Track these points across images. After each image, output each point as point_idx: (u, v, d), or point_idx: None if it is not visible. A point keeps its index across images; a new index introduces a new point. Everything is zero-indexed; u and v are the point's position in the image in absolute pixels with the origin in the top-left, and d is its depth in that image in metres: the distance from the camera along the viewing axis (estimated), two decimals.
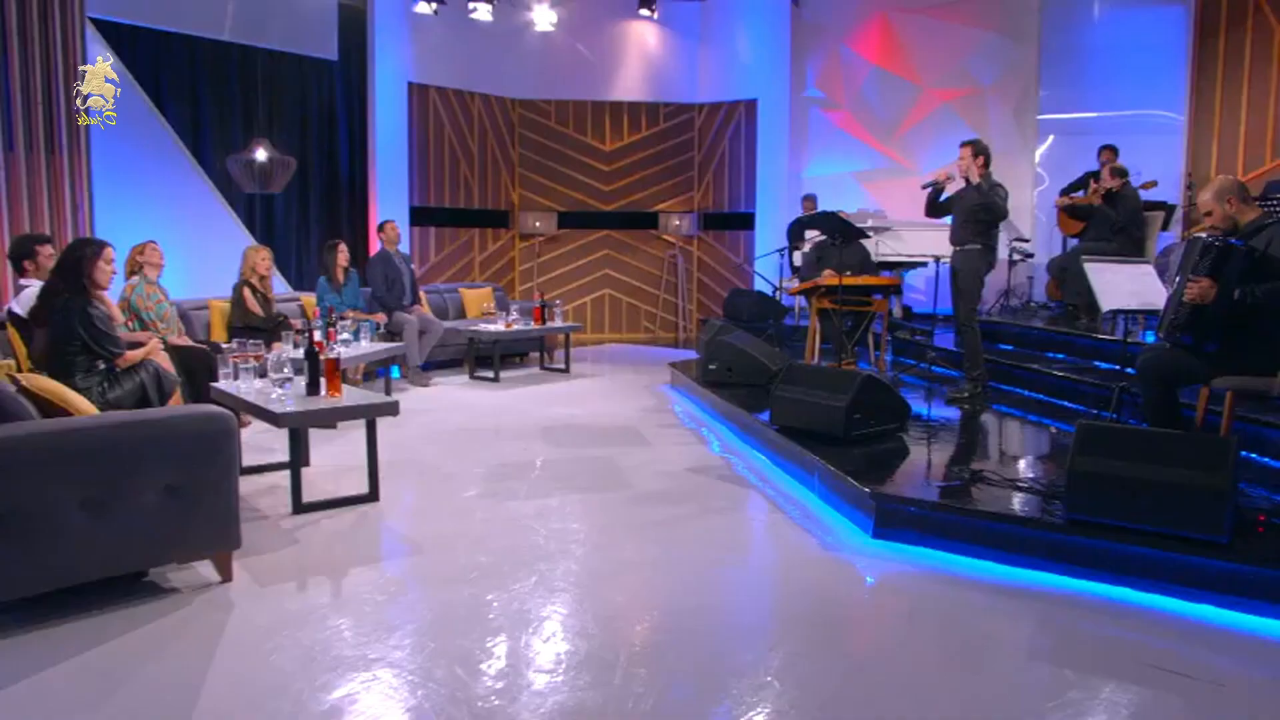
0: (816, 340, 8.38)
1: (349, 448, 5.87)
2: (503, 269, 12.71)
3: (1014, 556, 3.95)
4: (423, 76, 11.40)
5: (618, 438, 6.56)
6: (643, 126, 12.97)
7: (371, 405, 4.71)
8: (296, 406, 4.51)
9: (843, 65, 12.17)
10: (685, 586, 3.83)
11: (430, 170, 11.64)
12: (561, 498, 4.98)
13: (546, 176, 12.76)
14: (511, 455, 5.97)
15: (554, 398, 8.29)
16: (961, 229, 6.84)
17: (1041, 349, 7.96)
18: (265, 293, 7.57)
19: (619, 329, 13.17)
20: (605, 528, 4.52)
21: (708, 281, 13.22)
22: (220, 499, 3.50)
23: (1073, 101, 11.49)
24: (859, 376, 5.32)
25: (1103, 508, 3.75)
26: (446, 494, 5.06)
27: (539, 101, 12.69)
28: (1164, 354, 4.63)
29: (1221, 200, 4.57)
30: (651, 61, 12.96)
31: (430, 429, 6.75)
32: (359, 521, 4.54)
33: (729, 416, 6.90)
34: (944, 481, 4.58)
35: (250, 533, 4.10)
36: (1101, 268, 5.45)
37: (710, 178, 13.08)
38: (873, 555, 4.15)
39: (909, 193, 11.88)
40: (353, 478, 5.09)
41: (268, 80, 9.73)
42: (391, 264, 8.89)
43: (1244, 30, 10.75)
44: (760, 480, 5.45)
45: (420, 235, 11.56)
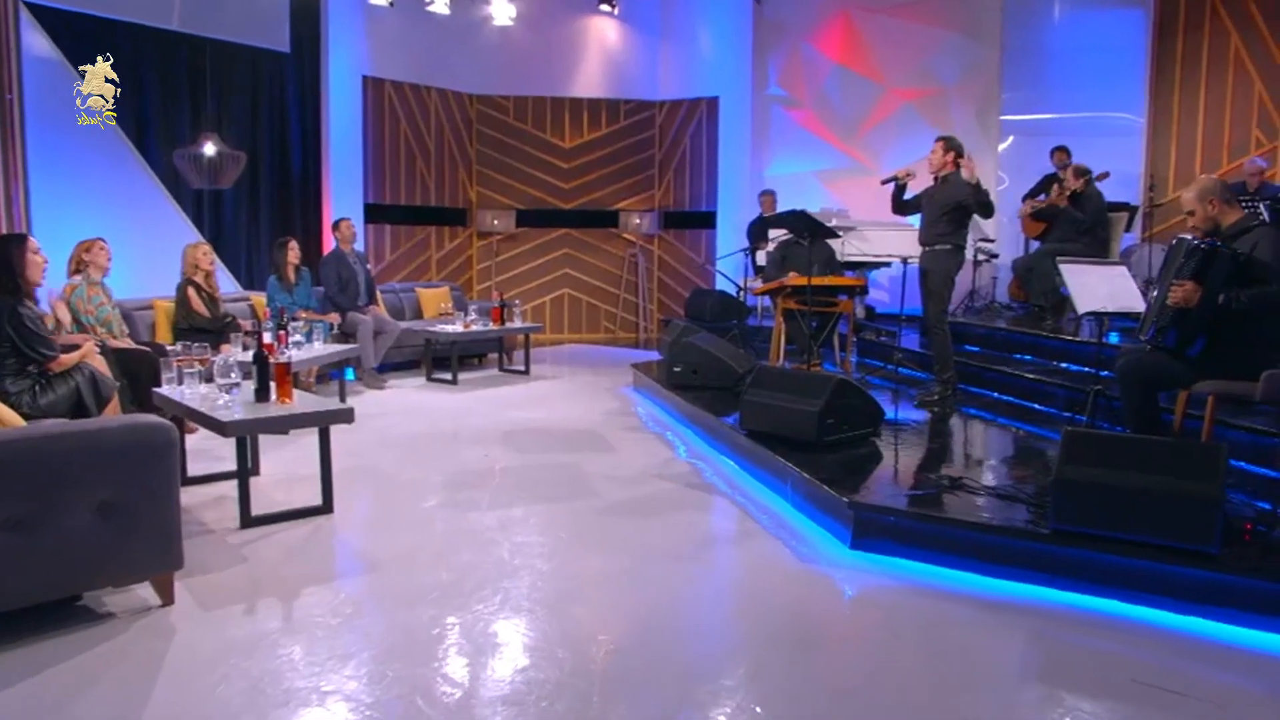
0: (781, 341, 8.26)
1: (301, 454, 5.60)
2: (460, 268, 12.45)
3: (997, 568, 3.82)
4: (378, 70, 11.11)
5: (581, 442, 6.36)
6: (603, 123, 12.77)
7: (325, 413, 4.45)
8: (244, 414, 4.25)
9: (805, 63, 12.07)
10: (657, 604, 3.64)
11: (386, 166, 11.34)
12: (525, 508, 4.77)
13: (505, 174, 12.52)
14: (472, 462, 5.75)
15: (514, 400, 8.07)
16: (931, 228, 6.73)
17: (1009, 350, 7.88)
18: (211, 291, 7.26)
19: (578, 329, 12.97)
20: (571, 540, 4.33)
21: (668, 281, 13.05)
22: (160, 516, 3.24)
23: (1034, 102, 11.48)
24: (832, 380, 5.17)
25: (1089, 517, 3.62)
26: (404, 504, 4.83)
27: (497, 97, 12.44)
28: (1145, 357, 4.54)
29: (1204, 201, 4.49)
30: (612, 57, 12.76)
31: (386, 434, 6.50)
32: (312, 535, 4.29)
33: (695, 420, 6.73)
34: (922, 490, 4.43)
35: (194, 550, 3.85)
36: (1077, 269, 5.35)
37: (671, 176, 12.92)
38: (851, 567, 3.99)
39: (871, 192, 11.73)
40: (306, 487, 4.83)
41: (216, 72, 9.38)
42: (345, 263, 8.61)
43: (1201, 34, 10.82)
44: (730, 487, 5.28)
45: (375, 233, 11.26)
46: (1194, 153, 10.99)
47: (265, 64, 9.93)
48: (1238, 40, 10.62)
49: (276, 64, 10.05)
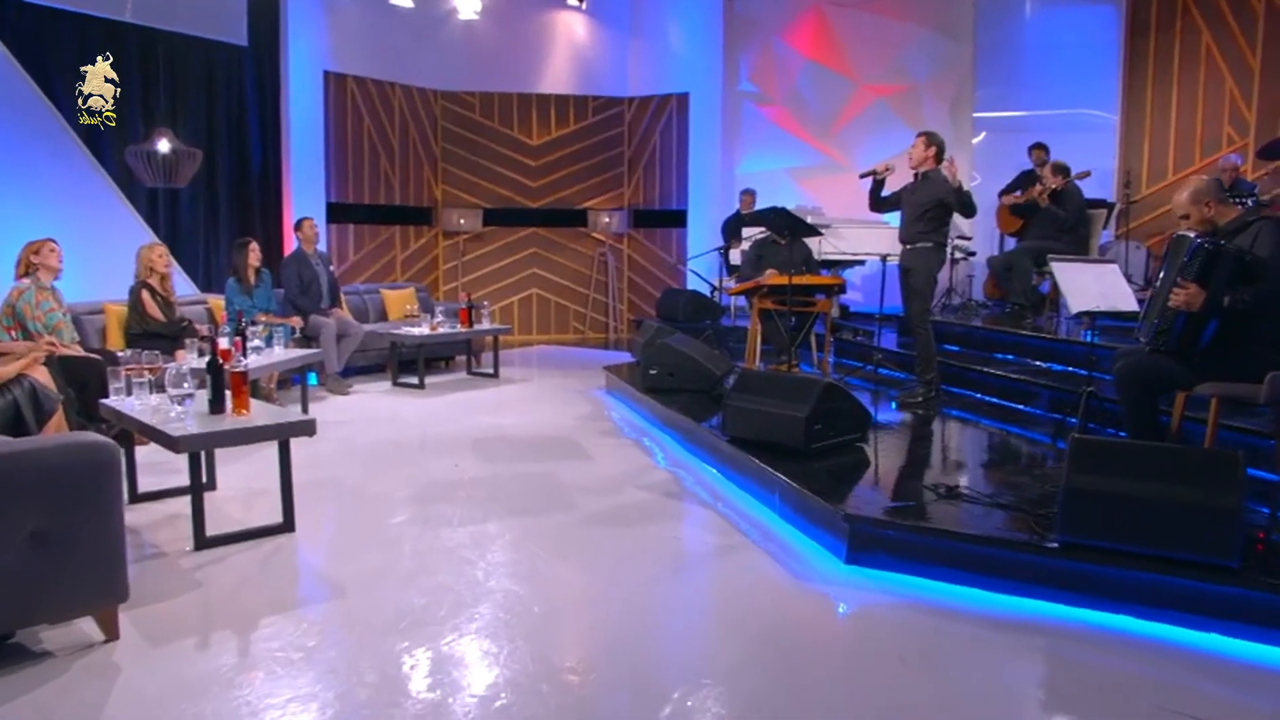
0: (758, 342, 8.08)
1: (261, 466, 5.26)
2: (425, 268, 12.14)
3: (1001, 582, 3.62)
4: (340, 65, 10.78)
5: (555, 450, 6.11)
6: (570, 120, 12.51)
7: (285, 425, 4.15)
8: (197, 427, 3.96)
9: (776, 59, 11.89)
10: (642, 627, 3.41)
11: (348, 164, 11.01)
12: (499, 522, 4.51)
13: (471, 172, 12.23)
14: (441, 473, 5.48)
15: (483, 405, 7.80)
16: (912, 226, 6.56)
17: (989, 349, 7.73)
18: (166, 295, 6.93)
19: (547, 330, 12.71)
20: (549, 558, 4.08)
21: (638, 281, 12.83)
22: (101, 545, 2.94)
23: (1007, 99, 11.39)
24: (819, 384, 4.96)
25: (1099, 529, 3.43)
26: (370, 521, 4.54)
27: (462, 93, 12.14)
28: (1144, 359, 4.36)
29: (1199, 204, 4.33)
30: (580, 53, 12.51)
31: (351, 443, 6.21)
32: (272, 557, 4.00)
33: (672, 425, 6.50)
34: (918, 500, 4.21)
35: (143, 576, 3.57)
36: (1069, 267, 5.18)
37: (641, 174, 12.69)
38: (847, 584, 3.78)
39: (846, 189, 11.64)
40: (266, 503, 4.55)
41: (170, 66, 9.02)
42: (307, 264, 8.30)
43: (1173, 31, 10.79)
44: (713, 497, 5.05)
45: (338, 233, 10.93)
46: (1167, 149, 10.95)
47: (222, 58, 9.56)
48: (1209, 38, 10.59)
49: (234, 58, 9.69)
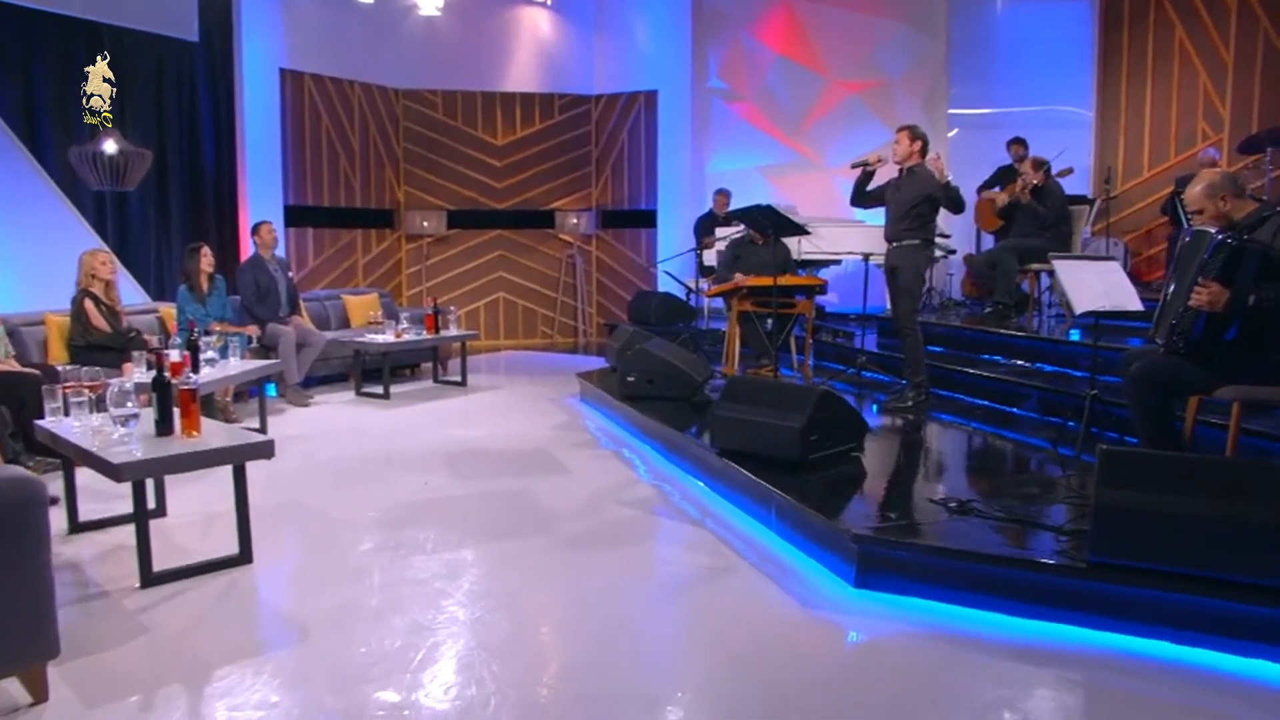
0: (736, 346, 7.82)
1: (217, 487, 4.76)
2: (388, 273, 11.75)
3: (1026, 606, 3.35)
4: (296, 62, 10.36)
5: (530, 464, 5.78)
6: (536, 119, 12.18)
7: (240, 448, 3.77)
8: (142, 452, 3.58)
9: (746, 55, 11.64)
10: (637, 663, 3.10)
11: (307, 166, 10.59)
12: (475, 548, 4.17)
13: (434, 173, 11.86)
14: (411, 492, 5.11)
15: (452, 416, 7.45)
16: (898, 223, 6.31)
17: (974, 350, 7.50)
18: (111, 304, 6.51)
19: (515, 334, 12.37)
20: (532, 587, 3.75)
21: (608, 283, 12.52)
22: (24, 595, 2.56)
23: (981, 96, 11.24)
24: (814, 392, 4.67)
25: (1133, 548, 3.16)
26: (335, 549, 4.18)
27: (424, 92, 11.77)
28: (1159, 360, 4.12)
29: (1214, 198, 4.08)
30: (545, 50, 12.18)
31: (313, 461, 5.84)
32: (227, 594, 3.63)
33: (653, 435, 6.20)
34: (927, 516, 3.91)
35: (81, 621, 3.19)
36: (1071, 266, 4.94)
37: (609, 173, 12.39)
38: (859, 612, 3.48)
39: (819, 187, 11.44)
40: (221, 529, 4.16)
41: (117, 61, 8.53)
42: (264, 270, 7.89)
43: (1146, 26, 10.70)
44: (701, 513, 4.75)
45: (297, 237, 10.51)
46: (1142, 145, 10.86)
47: (171, 54, 9.12)
48: (1182, 32, 10.51)
49: (184, 54, 9.25)
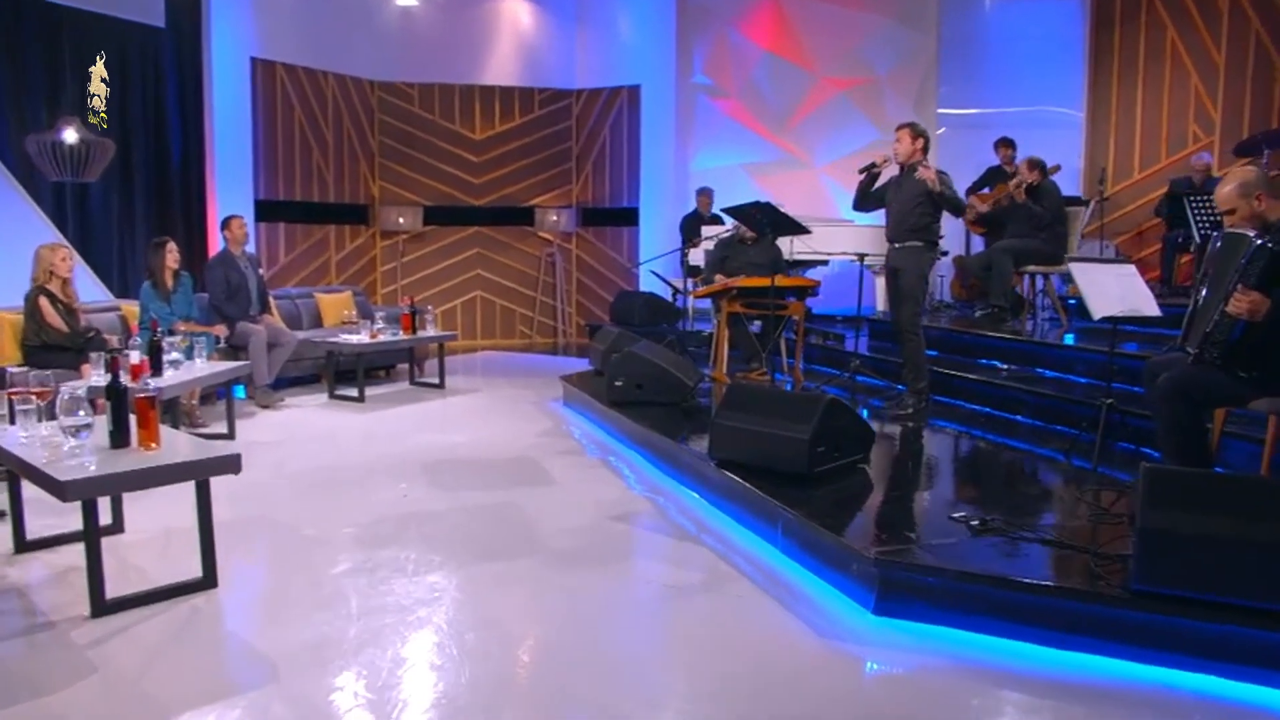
0: (725, 349, 7.57)
1: (180, 498, 4.28)
2: (362, 270, 11.40)
3: (1063, 637, 3.09)
4: (268, 51, 9.98)
5: (515, 474, 5.47)
6: (516, 114, 11.87)
7: (203, 462, 3.44)
8: (93, 466, 3.25)
9: (732, 50, 11.38)
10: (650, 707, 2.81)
11: (279, 159, 10.22)
12: (460, 570, 3.85)
13: (410, 167, 11.52)
14: (388, 505, 4.79)
15: (430, 420, 7.13)
16: (900, 223, 6.06)
17: (970, 354, 7.27)
18: (68, 301, 6.14)
19: (492, 334, 12.05)
20: (524, 615, 3.45)
21: (588, 282, 12.24)
22: None
23: (970, 96, 11.04)
24: (821, 400, 4.39)
25: (1183, 576, 2.91)
26: (308, 570, 3.84)
27: (401, 84, 11.43)
28: (1189, 370, 3.88)
29: (1248, 197, 3.84)
30: (525, 43, 11.86)
31: (284, 469, 5.50)
32: (189, 624, 3.28)
33: (643, 443, 5.91)
34: (949, 536, 3.63)
35: (23, 659, 2.87)
36: (1089, 269, 4.71)
37: (590, 170, 12.10)
38: (881, 643, 3.20)
39: (805, 186, 11.20)
40: (183, 547, 3.82)
41: (77, 46, 8.17)
42: (234, 266, 7.53)
43: (1138, 26, 10.55)
44: (699, 529, 4.47)
45: (268, 233, 10.13)
46: (1132, 147, 10.70)
47: (136, 39, 8.73)
48: (1174, 33, 10.36)
49: (150, 40, 8.86)
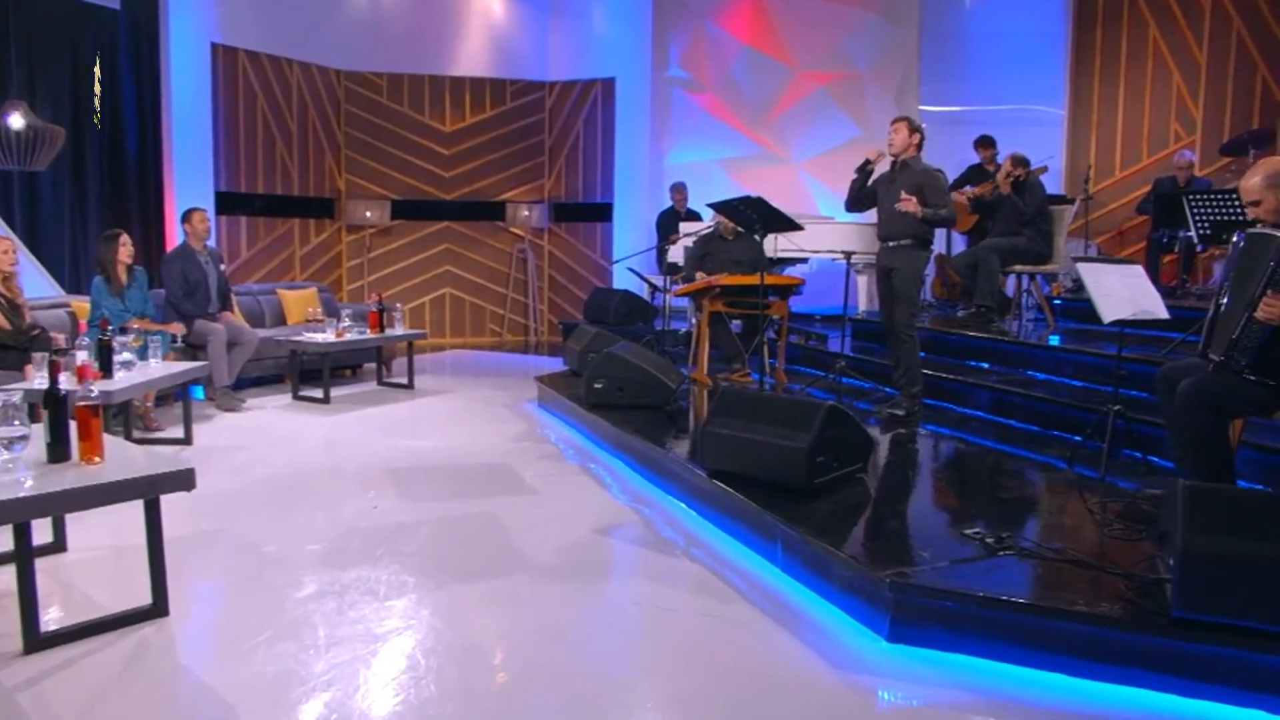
0: (705, 349, 7.32)
1: (129, 512, 3.94)
2: (327, 266, 11.03)
3: (1096, 667, 2.85)
4: (230, 38, 9.60)
5: (491, 483, 5.18)
6: (487, 106, 11.56)
7: (151, 479, 3.09)
8: (28, 485, 2.92)
9: (709, 43, 11.15)
10: None
11: (240, 150, 9.84)
12: (438, 592, 3.55)
13: (378, 160, 11.18)
14: (356, 518, 4.47)
15: (400, 423, 6.82)
16: (892, 221, 5.83)
17: (958, 356, 7.05)
18: (12, 297, 5.76)
19: (462, 332, 11.74)
20: (509, 645, 3.16)
21: (561, 279, 11.95)
22: None
23: (952, 94, 10.86)
24: (820, 407, 4.13)
25: (1229, 603, 2.69)
26: (270, 594, 3.51)
27: (369, 74, 11.07)
28: (1213, 378, 3.66)
29: (1276, 188, 3.63)
30: (497, 33, 11.55)
31: (244, 477, 5.17)
32: (136, 659, 2.94)
33: (625, 448, 5.64)
34: (964, 555, 3.38)
35: None
36: (1097, 270, 4.49)
37: (563, 164, 11.81)
38: (896, 674, 2.94)
39: (783, 182, 10.94)
40: (132, 568, 3.47)
41: (24, 28, 7.75)
42: (194, 261, 7.16)
43: (1120, 25, 10.45)
44: (689, 543, 4.20)
45: (229, 226, 9.75)
46: (1114, 145, 10.60)
47: (88, 22, 8.32)
48: (1156, 32, 10.26)
49: (104, 23, 8.45)
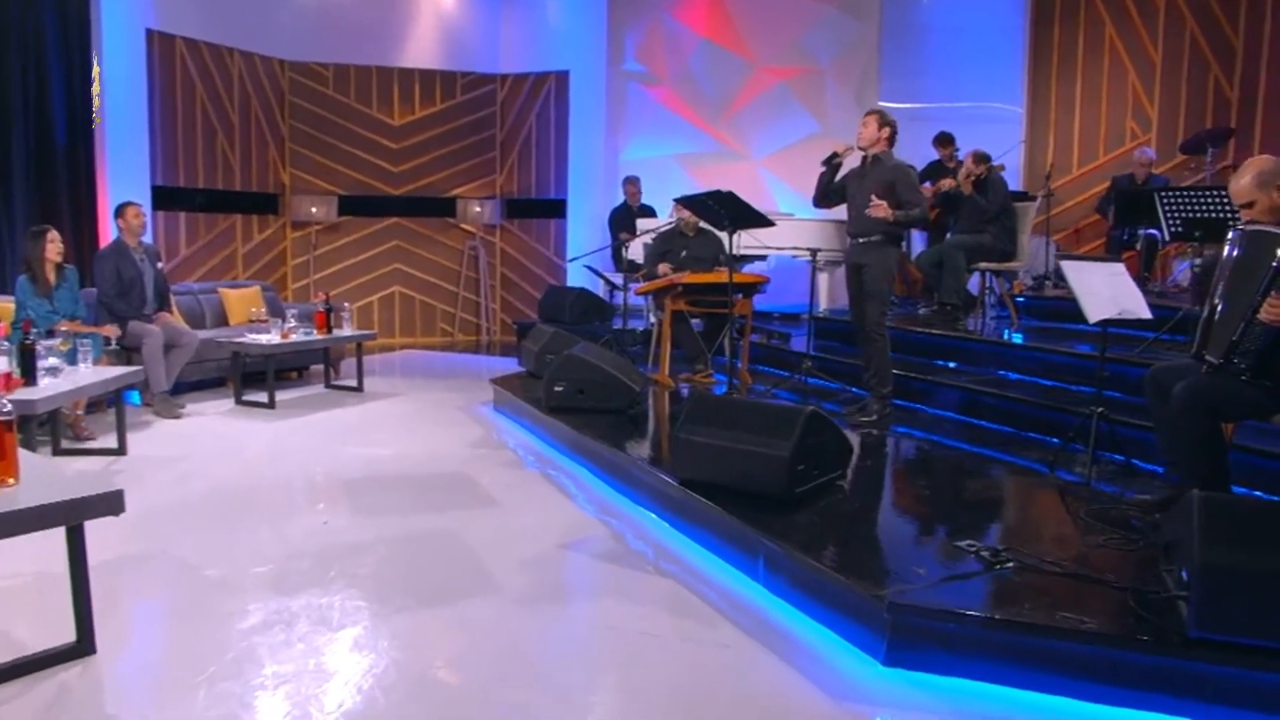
0: (667, 349, 7.13)
1: (54, 536, 3.75)
2: (271, 264, 10.63)
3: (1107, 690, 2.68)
4: (166, 24, 9.16)
5: (450, 494, 4.90)
6: (437, 99, 11.24)
7: (72, 504, 2.77)
8: None
9: (666, 36, 10.94)
10: None
11: (179, 142, 9.41)
12: (395, 618, 3.27)
13: (324, 154, 10.80)
14: (305, 536, 4.16)
15: (349, 429, 6.50)
16: (862, 217, 5.64)
17: (926, 355, 6.91)
18: None
19: (411, 332, 11.41)
20: (473, 675, 2.90)
21: (513, 277, 11.67)
22: None
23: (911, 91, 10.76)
24: (800, 413, 3.92)
25: (1251, 622, 2.52)
26: (211, 625, 3.19)
27: (314, 65, 10.69)
28: (1210, 380, 3.52)
29: (1268, 189, 3.49)
30: (447, 24, 11.23)
31: (183, 490, 4.84)
32: (56, 707, 2.62)
33: (588, 454, 5.40)
34: (960, 569, 3.17)
35: None
36: (1080, 268, 4.34)
37: (515, 159, 11.53)
38: (895, 701, 2.74)
39: (741, 178, 10.73)
40: (55, 601, 3.14)
41: None
42: (128, 259, 6.78)
43: (1077, 23, 10.47)
44: (660, 555, 3.98)
45: (167, 222, 9.32)
46: (1071, 143, 10.60)
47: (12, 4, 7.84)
48: (1112, 30, 10.28)
49: (28, 5, 7.97)
